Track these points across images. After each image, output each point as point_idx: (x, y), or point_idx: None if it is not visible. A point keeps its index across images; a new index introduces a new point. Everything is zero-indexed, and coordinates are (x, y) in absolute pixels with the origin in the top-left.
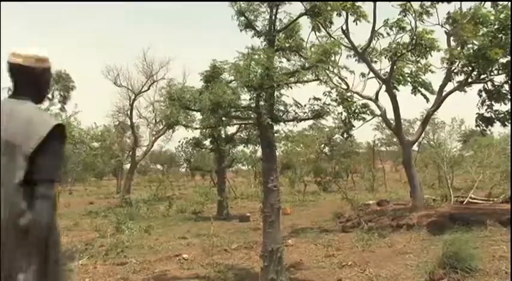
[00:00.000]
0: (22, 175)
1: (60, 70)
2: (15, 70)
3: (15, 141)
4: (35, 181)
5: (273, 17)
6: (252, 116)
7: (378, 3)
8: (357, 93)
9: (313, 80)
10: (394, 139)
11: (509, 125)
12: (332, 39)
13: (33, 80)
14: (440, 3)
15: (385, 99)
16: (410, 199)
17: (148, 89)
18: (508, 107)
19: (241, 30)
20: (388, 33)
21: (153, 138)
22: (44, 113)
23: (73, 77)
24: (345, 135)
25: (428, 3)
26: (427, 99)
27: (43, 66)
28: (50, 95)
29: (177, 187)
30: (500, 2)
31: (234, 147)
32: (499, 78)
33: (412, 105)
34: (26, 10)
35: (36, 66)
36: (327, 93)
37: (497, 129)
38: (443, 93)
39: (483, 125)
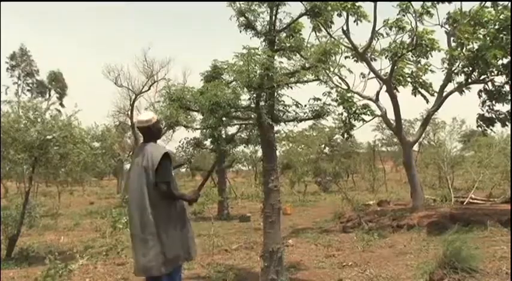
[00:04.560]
0: (153, 180)
1: (53, 70)
2: (140, 129)
3: (147, 164)
4: (157, 183)
5: (273, 18)
6: (252, 116)
7: (378, 3)
8: (358, 93)
9: (313, 80)
10: (395, 139)
11: (510, 125)
12: (332, 39)
13: (150, 132)
14: (440, 3)
15: (385, 100)
16: (411, 200)
17: (149, 89)
18: (508, 107)
19: (240, 31)
20: (387, 34)
21: None
22: (159, 147)
23: (73, 77)
24: (345, 136)
25: (429, 4)
26: (427, 101)
27: (151, 123)
28: (47, 95)
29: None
30: (500, 2)
31: (235, 147)
32: (500, 79)
33: (412, 106)
34: (26, 10)
35: (148, 125)
36: (327, 94)
37: (499, 129)
38: (444, 94)
39: (484, 125)
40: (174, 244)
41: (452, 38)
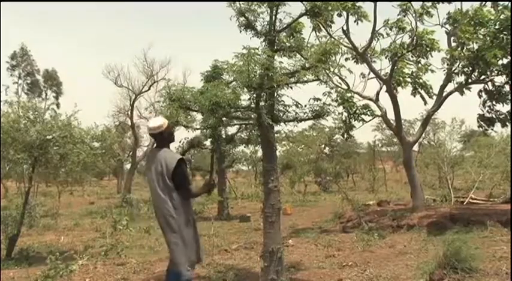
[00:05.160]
0: (171, 185)
1: (47, 69)
2: (152, 136)
3: (162, 171)
4: (175, 188)
5: (273, 18)
6: (252, 116)
7: (378, 3)
8: (358, 93)
9: (314, 80)
10: (395, 139)
11: (510, 125)
12: (332, 39)
13: (162, 138)
14: (441, 3)
15: (385, 100)
16: (411, 200)
17: (149, 89)
18: (508, 107)
19: (240, 31)
20: (387, 34)
21: None
22: (172, 152)
23: (73, 77)
24: (345, 136)
25: (429, 4)
26: (425, 102)
27: (163, 129)
28: (43, 95)
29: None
30: (501, 2)
31: (235, 147)
32: (500, 79)
33: (412, 106)
34: (26, 10)
35: (159, 131)
36: (327, 94)
37: (499, 130)
38: (444, 94)
39: (484, 125)
40: (191, 248)
41: (452, 38)
